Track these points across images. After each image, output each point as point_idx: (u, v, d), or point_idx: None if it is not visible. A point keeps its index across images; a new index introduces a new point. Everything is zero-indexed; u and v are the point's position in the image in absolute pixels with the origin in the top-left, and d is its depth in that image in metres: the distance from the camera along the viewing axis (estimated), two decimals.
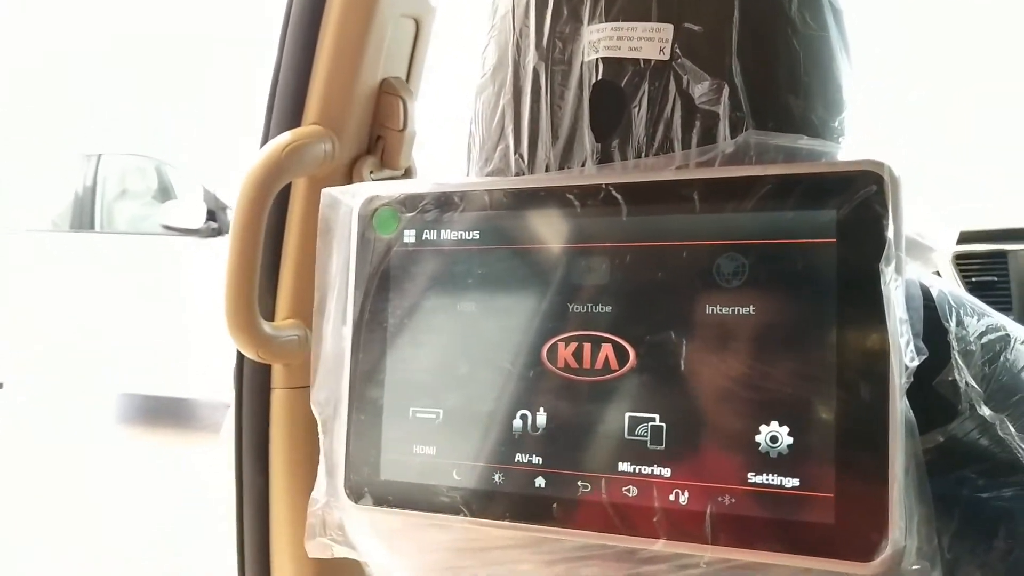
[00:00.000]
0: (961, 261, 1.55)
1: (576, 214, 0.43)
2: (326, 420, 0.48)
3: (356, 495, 0.47)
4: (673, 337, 0.41)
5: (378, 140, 0.76)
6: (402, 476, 0.46)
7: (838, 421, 0.38)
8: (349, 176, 0.74)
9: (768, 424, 0.39)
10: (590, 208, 0.43)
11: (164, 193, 4.34)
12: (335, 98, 0.71)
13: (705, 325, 0.40)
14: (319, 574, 0.82)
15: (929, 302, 0.43)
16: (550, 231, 0.44)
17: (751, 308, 0.39)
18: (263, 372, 0.80)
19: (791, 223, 0.39)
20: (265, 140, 0.72)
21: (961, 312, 0.44)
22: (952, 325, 0.43)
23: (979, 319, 0.44)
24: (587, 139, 0.48)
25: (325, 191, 0.49)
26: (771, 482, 0.38)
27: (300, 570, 0.83)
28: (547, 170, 0.48)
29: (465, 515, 0.44)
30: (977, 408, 0.42)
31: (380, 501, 0.46)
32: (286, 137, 0.69)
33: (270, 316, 0.76)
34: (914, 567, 0.37)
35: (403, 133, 0.75)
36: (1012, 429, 0.42)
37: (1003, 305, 1.52)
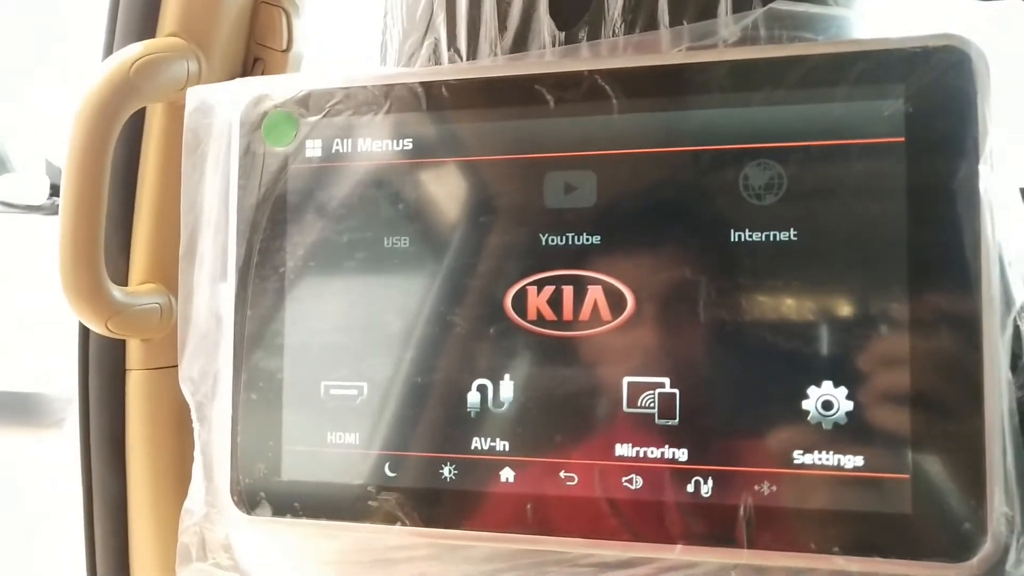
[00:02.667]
0: None
1: (548, 112, 0.32)
2: (201, 404, 0.36)
3: (248, 503, 0.34)
4: (687, 274, 0.30)
5: (256, 63, 0.61)
6: (312, 475, 0.34)
7: (913, 377, 0.28)
8: None
9: (819, 385, 0.29)
10: (568, 104, 0.32)
11: (2, 165, 3.91)
12: (199, 4, 0.57)
13: (731, 256, 0.30)
14: None
15: None
16: (511, 137, 0.32)
17: (791, 232, 0.29)
18: (115, 350, 0.64)
19: (842, 118, 0.29)
20: (108, 56, 0.56)
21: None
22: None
23: None
24: (545, 27, 0.36)
25: (192, 91, 0.36)
26: (825, 462, 0.29)
27: None
28: None
29: (405, 524, 0.33)
30: None
31: (283, 510, 0.34)
32: (135, 49, 0.54)
33: (122, 280, 0.61)
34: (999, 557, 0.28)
35: (286, 54, 0.61)
36: None
37: None
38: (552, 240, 0.32)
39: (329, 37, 0.63)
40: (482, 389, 0.32)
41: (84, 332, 0.65)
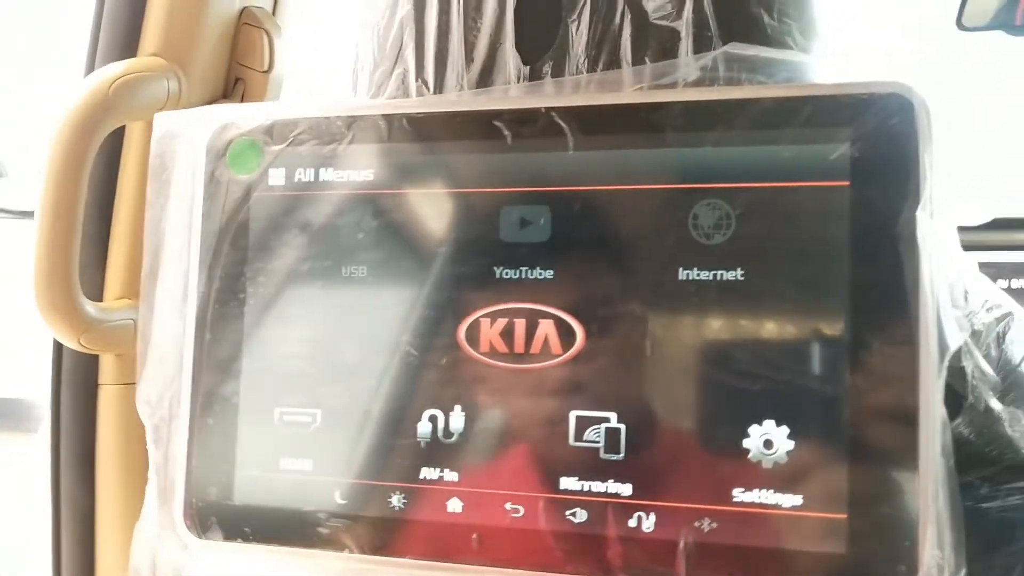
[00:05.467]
0: None
1: (506, 147, 0.32)
2: (158, 425, 0.36)
3: (200, 526, 0.34)
4: (635, 310, 0.31)
5: (237, 83, 0.62)
6: (265, 500, 0.34)
7: (852, 418, 0.29)
8: None
9: (761, 424, 0.29)
10: (525, 140, 0.32)
11: None
12: (180, 24, 0.58)
13: (678, 294, 0.30)
14: None
15: None
16: (469, 170, 0.33)
17: (738, 271, 0.30)
18: (88, 365, 0.64)
19: (790, 161, 0.30)
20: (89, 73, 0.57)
21: (965, 283, 0.36)
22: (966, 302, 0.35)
23: (981, 292, 0.36)
24: (511, 61, 0.37)
25: (159, 116, 0.37)
26: (765, 500, 0.29)
27: None
28: None
29: (352, 551, 0.33)
30: (987, 400, 0.35)
31: (233, 534, 0.34)
32: (116, 68, 0.54)
33: (97, 295, 0.62)
34: None
35: (267, 75, 0.62)
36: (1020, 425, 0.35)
37: None
38: (506, 273, 0.32)
39: (309, 60, 0.64)
40: (433, 419, 0.32)
41: (58, 345, 0.65)
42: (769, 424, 0.29)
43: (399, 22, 0.39)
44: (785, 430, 0.29)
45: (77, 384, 0.65)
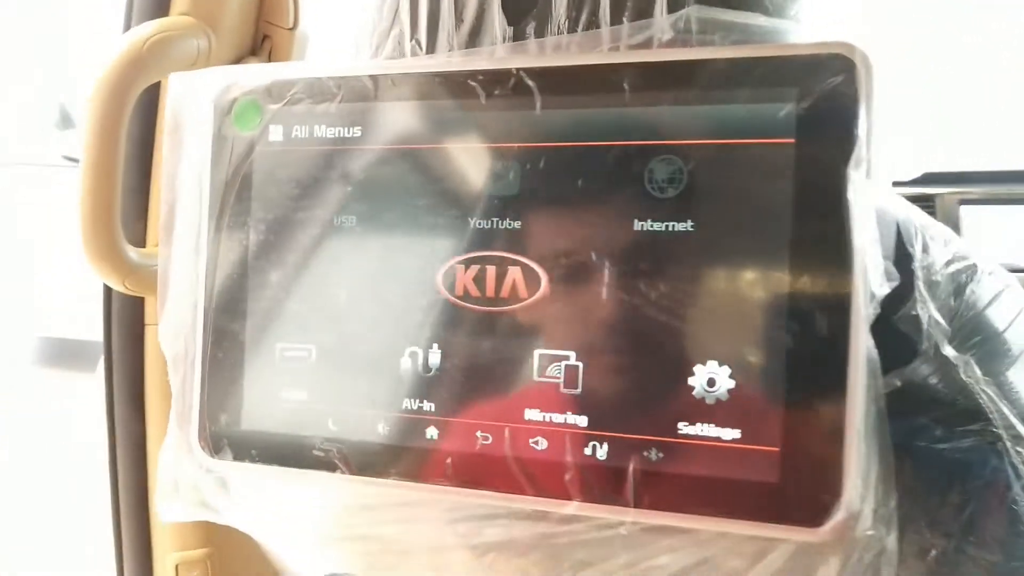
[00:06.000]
0: None
1: (480, 106, 0.35)
2: (176, 359, 0.40)
3: (213, 448, 0.39)
4: (594, 259, 0.33)
5: (264, 40, 0.65)
6: (268, 426, 0.38)
7: (788, 361, 0.31)
8: None
9: (705, 364, 0.32)
10: (497, 98, 0.35)
11: (66, 121, 4.03)
12: None
13: (633, 244, 0.33)
14: (201, 529, 0.74)
15: (888, 221, 0.37)
16: (448, 127, 0.36)
17: (689, 223, 0.32)
18: (134, 306, 0.70)
19: (740, 119, 0.32)
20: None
21: (927, 236, 0.37)
22: (918, 250, 0.36)
23: (946, 244, 0.38)
24: (497, 21, 0.39)
25: (174, 76, 0.40)
26: (707, 433, 0.32)
27: (181, 529, 0.74)
28: None
29: (343, 472, 0.37)
30: (940, 347, 0.36)
31: (242, 455, 0.38)
32: (148, 28, 0.58)
33: (140, 242, 0.66)
34: (868, 532, 0.31)
35: (293, 32, 0.65)
36: (978, 372, 0.37)
37: None
38: (480, 223, 0.35)
39: (331, 17, 0.66)
40: (413, 355, 0.36)
41: (107, 290, 0.71)
42: (712, 364, 0.32)
43: None
44: (727, 370, 0.32)
45: (125, 324, 0.71)
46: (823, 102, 0.31)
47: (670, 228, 0.32)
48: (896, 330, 0.36)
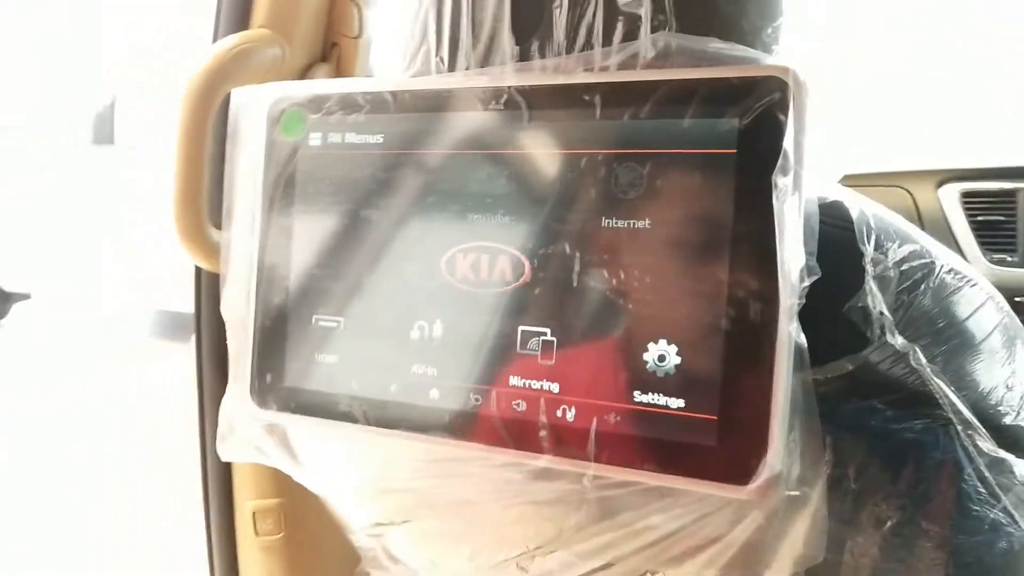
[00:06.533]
0: (969, 199, 1.49)
1: (479, 118, 0.41)
2: (233, 325, 0.48)
3: (261, 401, 0.46)
4: (567, 250, 0.39)
5: (333, 47, 0.73)
6: (304, 383, 0.45)
7: (725, 342, 0.36)
8: None
9: (657, 343, 0.37)
10: (493, 112, 0.41)
11: (100, 136, 4.27)
12: (284, 1, 0.69)
13: (600, 238, 0.38)
14: (275, 481, 0.83)
15: (847, 223, 0.41)
16: (453, 136, 0.42)
17: (646, 221, 0.38)
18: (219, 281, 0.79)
19: (690, 132, 0.37)
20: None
21: (883, 236, 0.41)
22: (869, 248, 0.41)
23: (902, 244, 0.42)
24: (506, 41, 0.45)
25: (235, 91, 0.48)
26: (656, 402, 0.37)
27: (259, 480, 0.84)
28: None
29: (362, 424, 0.44)
30: (889, 337, 0.40)
31: (284, 407, 0.46)
32: (232, 40, 0.66)
33: None
34: (793, 493, 0.36)
35: (358, 40, 0.72)
36: (923, 360, 0.41)
37: (1008, 245, 1.47)
38: (476, 218, 0.41)
39: (388, 27, 0.73)
40: (421, 328, 0.42)
41: (197, 268, 0.80)
42: (663, 343, 0.37)
43: (424, 8, 0.48)
44: (674, 348, 0.37)
45: (212, 298, 0.80)
46: (760, 118, 0.35)
47: (631, 225, 0.38)
48: (849, 320, 0.40)
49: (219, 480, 0.87)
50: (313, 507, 0.89)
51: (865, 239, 0.40)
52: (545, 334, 0.39)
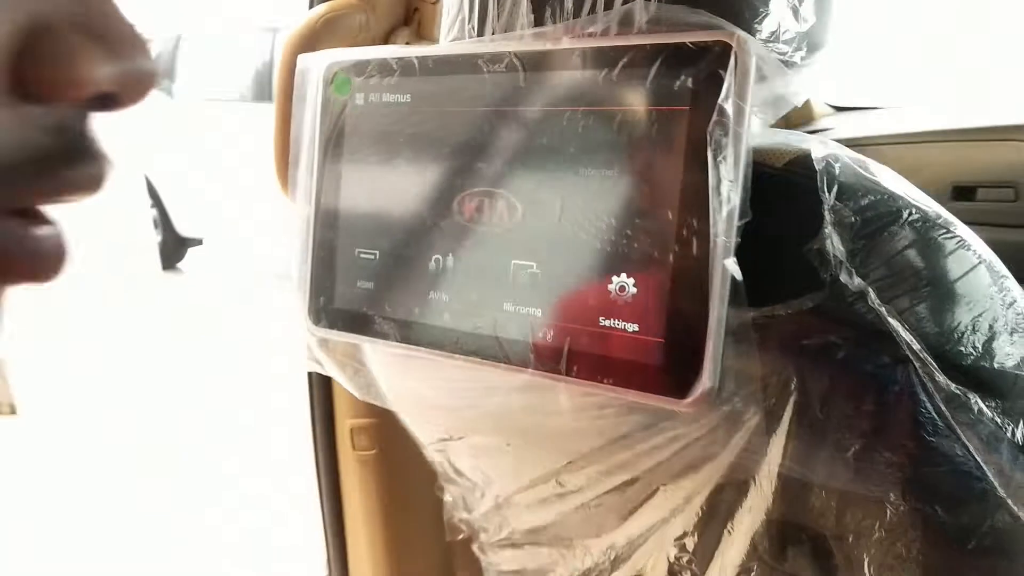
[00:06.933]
0: None
1: (484, 80, 0.48)
2: (295, 256, 0.57)
3: (315, 320, 0.56)
4: (552, 195, 0.45)
5: (414, 12, 0.81)
6: (350, 305, 0.54)
7: (672, 276, 0.41)
8: None
9: (619, 275, 0.43)
10: (496, 74, 0.47)
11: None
12: None
13: (577, 185, 0.44)
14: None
15: (812, 173, 0.45)
16: (464, 95, 0.49)
17: (614, 170, 0.43)
18: None
19: (653, 91, 0.42)
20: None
21: (847, 187, 0.45)
22: (830, 196, 0.44)
23: (865, 195, 0.45)
24: (524, 10, 0.51)
25: (300, 57, 0.56)
26: (616, 326, 0.43)
27: (355, 402, 0.95)
28: None
29: (392, 341, 0.52)
30: (844, 277, 0.44)
31: (334, 326, 0.55)
32: (322, 8, 0.76)
33: None
34: (725, 407, 0.41)
35: (437, 5, 0.80)
36: (876, 300, 0.44)
37: None
38: (481, 166, 0.48)
39: None
40: (437, 261, 0.50)
41: None
42: (624, 275, 0.43)
43: None
44: (632, 280, 0.43)
45: None
46: (708, 79, 0.40)
47: (601, 173, 0.43)
48: (806, 260, 0.45)
49: (322, 401, 0.99)
50: (402, 427, 1.00)
51: (825, 188, 0.44)
52: (532, 267, 0.46)
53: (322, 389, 0.99)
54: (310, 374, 1.00)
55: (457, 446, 0.75)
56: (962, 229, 0.48)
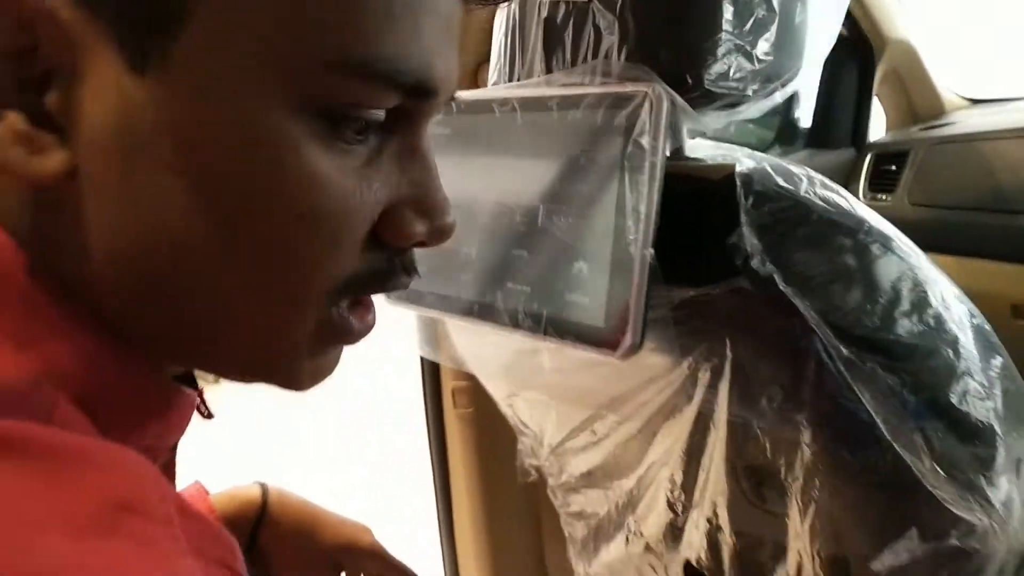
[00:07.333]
0: None
1: (497, 119, 0.65)
2: None
3: (387, 296, 0.75)
4: (537, 203, 0.61)
5: None
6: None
7: (610, 263, 0.57)
8: (475, 81, 0.98)
9: (579, 262, 0.59)
10: (504, 114, 0.64)
11: None
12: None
13: (554, 197, 0.60)
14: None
15: (732, 182, 0.58)
16: (483, 132, 0.66)
17: (578, 185, 0.59)
18: None
19: (600, 127, 0.57)
20: None
21: (761, 193, 0.58)
22: (747, 201, 0.57)
23: (778, 200, 0.58)
24: (538, 60, 0.68)
25: None
26: (577, 299, 0.59)
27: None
28: None
29: (436, 310, 0.70)
30: (756, 264, 0.57)
31: (399, 300, 0.74)
32: None
33: None
34: (685, 364, 0.56)
35: None
36: (782, 283, 0.57)
37: None
38: (495, 183, 0.65)
39: None
40: (466, 251, 0.67)
41: None
42: (582, 262, 0.59)
43: (501, 33, 0.72)
44: (587, 266, 0.58)
45: None
46: (632, 118, 0.55)
47: (570, 188, 0.59)
48: (726, 252, 0.58)
49: (430, 367, 1.19)
50: None
51: (742, 196, 0.58)
52: (524, 255, 0.63)
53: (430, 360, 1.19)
54: None
55: (518, 402, 0.93)
56: (872, 223, 0.59)
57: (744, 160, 0.61)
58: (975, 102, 1.74)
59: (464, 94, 0.69)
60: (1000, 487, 0.56)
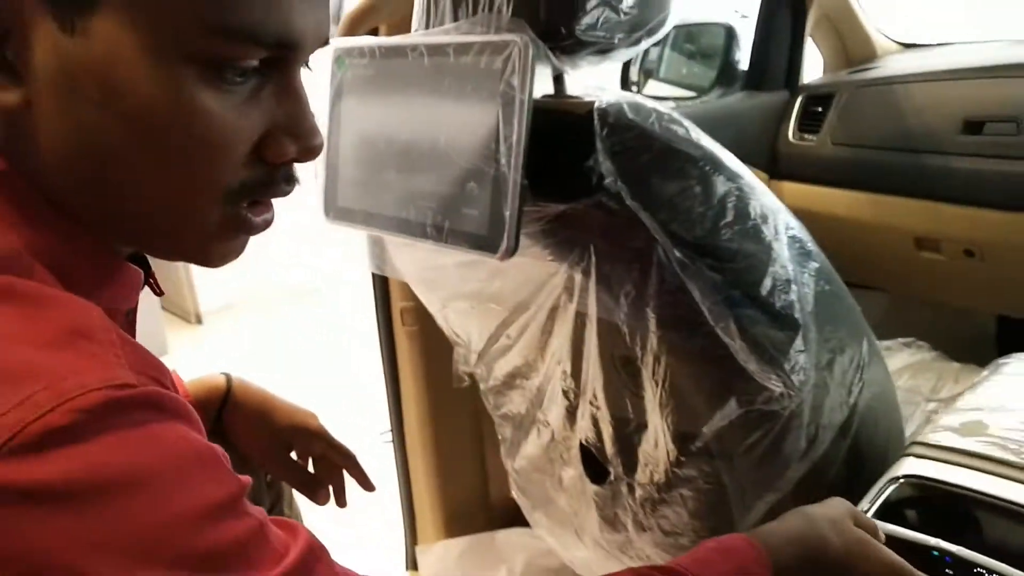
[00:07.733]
0: None
1: (410, 62, 0.77)
2: (321, 173, 0.90)
3: (327, 214, 0.89)
4: (437, 134, 0.75)
5: None
6: (345, 203, 0.86)
7: (492, 183, 0.70)
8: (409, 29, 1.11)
9: (470, 183, 0.72)
10: (414, 59, 0.77)
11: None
12: None
13: (451, 128, 0.74)
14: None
15: (590, 115, 0.71)
16: (400, 74, 0.79)
17: (469, 119, 0.72)
18: None
19: (484, 69, 0.70)
20: None
21: (615, 125, 0.71)
22: (603, 132, 0.71)
23: (629, 131, 0.71)
24: (448, 9, 0.80)
25: (332, 41, 0.88)
26: (469, 212, 0.73)
27: (404, 288, 1.28)
28: None
29: (366, 225, 0.84)
30: (610, 184, 0.71)
31: (337, 218, 0.88)
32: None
33: None
34: (564, 268, 0.70)
35: None
36: (629, 199, 0.71)
37: None
38: (407, 118, 0.78)
39: None
40: (390, 173, 0.81)
41: None
42: (472, 183, 0.72)
43: None
44: (476, 185, 0.72)
45: None
46: (506, 63, 0.68)
47: (463, 121, 0.72)
48: (585, 174, 0.72)
49: (381, 287, 1.33)
50: None
51: (598, 127, 0.71)
52: (432, 178, 0.76)
53: (381, 279, 1.33)
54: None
55: (449, 313, 1.07)
56: (709, 156, 0.73)
57: (606, 98, 0.74)
58: (907, 46, 1.85)
59: (385, 40, 0.82)
60: (796, 362, 0.71)
